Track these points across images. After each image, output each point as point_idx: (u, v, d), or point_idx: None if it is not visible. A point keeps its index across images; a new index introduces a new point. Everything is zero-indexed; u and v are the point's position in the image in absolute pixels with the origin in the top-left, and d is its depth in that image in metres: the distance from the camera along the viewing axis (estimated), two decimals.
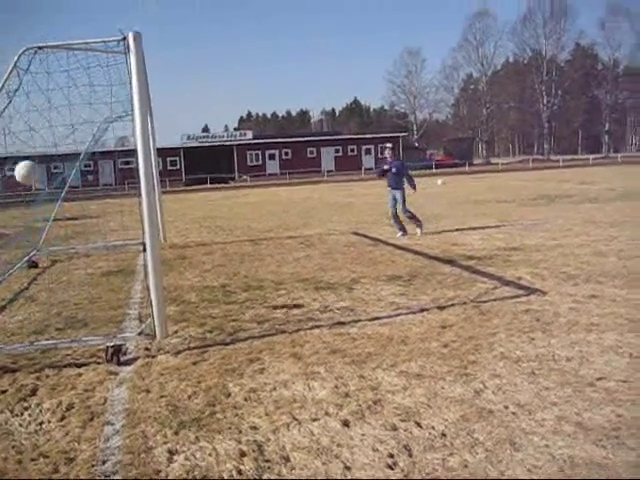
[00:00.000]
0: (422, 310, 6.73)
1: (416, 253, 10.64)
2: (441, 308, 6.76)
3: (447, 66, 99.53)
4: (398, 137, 74.15)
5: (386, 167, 13.25)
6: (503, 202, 20.48)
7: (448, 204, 20.82)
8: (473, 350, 5.28)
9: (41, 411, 4.50)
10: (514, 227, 13.45)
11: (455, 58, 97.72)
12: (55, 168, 15.34)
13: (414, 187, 13.06)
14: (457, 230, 13.52)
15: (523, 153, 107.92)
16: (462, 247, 11.02)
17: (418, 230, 13.14)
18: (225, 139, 70.35)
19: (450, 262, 9.57)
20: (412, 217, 13.19)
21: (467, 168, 65.36)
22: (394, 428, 3.85)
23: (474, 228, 13.71)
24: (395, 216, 13.19)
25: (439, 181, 36.42)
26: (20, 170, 7.36)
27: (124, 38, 5.79)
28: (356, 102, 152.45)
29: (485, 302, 6.91)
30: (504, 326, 5.91)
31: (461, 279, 8.27)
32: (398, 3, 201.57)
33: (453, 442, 3.62)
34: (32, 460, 3.70)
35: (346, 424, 3.96)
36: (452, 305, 6.88)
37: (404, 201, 13.02)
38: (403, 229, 13.16)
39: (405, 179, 13.13)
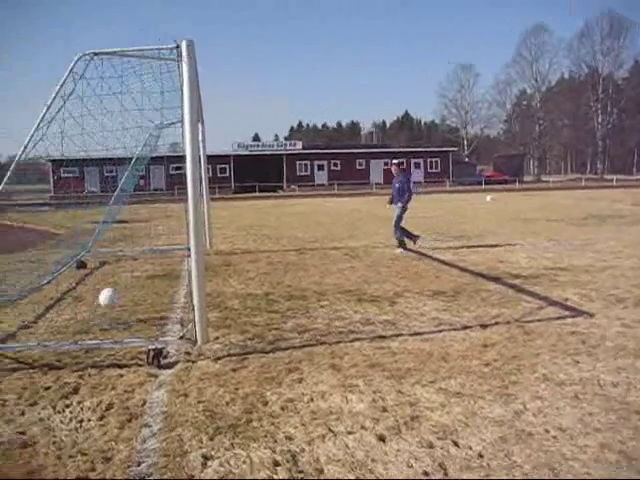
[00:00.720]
0: (464, 327, 6.65)
1: (461, 269, 10.52)
2: (484, 326, 6.67)
3: (500, 81, 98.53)
4: (448, 152, 73.72)
5: (387, 204, 13.90)
6: (552, 221, 20.10)
7: (496, 221, 20.56)
8: (515, 370, 5.18)
9: (82, 409, 4.58)
10: (563, 247, 13.18)
11: (508, 73, 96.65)
12: (108, 172, 15.66)
13: (405, 200, 13.16)
14: (504, 247, 13.32)
15: (575, 171, 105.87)
16: (508, 265, 10.85)
17: (398, 250, 13.19)
18: (275, 148, 70.83)
19: (495, 280, 9.42)
20: (401, 235, 13.32)
21: (517, 185, 64.49)
22: (430, 446, 3.80)
23: (521, 246, 13.49)
24: (401, 228, 13.46)
25: (488, 197, 36.12)
26: (105, 295, 8.23)
27: (177, 46, 5.89)
28: (407, 115, 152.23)
29: (530, 322, 6.78)
30: (548, 347, 5.78)
31: (506, 297, 8.13)
32: (451, 16, 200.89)
33: (490, 463, 3.55)
34: (70, 457, 3.77)
35: (382, 439, 3.92)
36: (495, 323, 6.77)
37: (400, 217, 13.28)
38: (412, 237, 13.43)
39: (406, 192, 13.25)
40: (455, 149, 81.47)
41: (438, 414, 4.30)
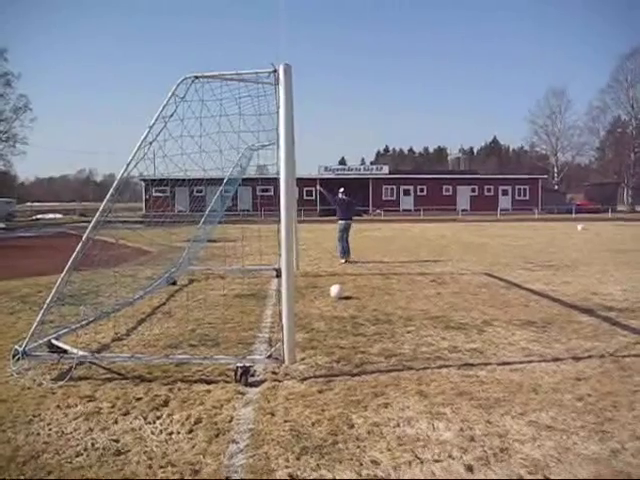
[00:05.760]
0: (555, 359, 6.44)
1: (552, 299, 10.21)
2: (576, 359, 6.44)
3: (593, 108, 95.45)
4: (537, 179, 72.02)
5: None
6: None
7: (588, 251, 19.87)
8: (611, 407, 4.97)
9: (172, 422, 4.70)
10: None
11: (603, 100, 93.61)
12: (197, 192, 16.07)
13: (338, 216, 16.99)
14: (597, 278, 12.85)
15: None
16: (602, 297, 10.46)
17: (342, 259, 16.48)
18: (361, 172, 70.98)
19: (588, 311, 9.09)
20: (342, 247, 16.57)
21: (610, 214, 62.30)
22: None
23: (616, 278, 12.97)
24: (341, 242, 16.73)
25: (579, 226, 35.13)
26: (334, 291, 10.38)
27: (275, 70, 6.03)
28: (495, 141, 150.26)
29: (625, 357, 6.50)
30: None
31: (599, 330, 7.83)
32: (542, 42, 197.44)
33: None
34: (161, 467, 3.87)
35: (470, 469, 3.84)
36: (589, 357, 6.53)
37: (339, 231, 16.74)
38: (344, 253, 16.54)
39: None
40: (544, 177, 79.47)
41: (529, 447, 4.18)
